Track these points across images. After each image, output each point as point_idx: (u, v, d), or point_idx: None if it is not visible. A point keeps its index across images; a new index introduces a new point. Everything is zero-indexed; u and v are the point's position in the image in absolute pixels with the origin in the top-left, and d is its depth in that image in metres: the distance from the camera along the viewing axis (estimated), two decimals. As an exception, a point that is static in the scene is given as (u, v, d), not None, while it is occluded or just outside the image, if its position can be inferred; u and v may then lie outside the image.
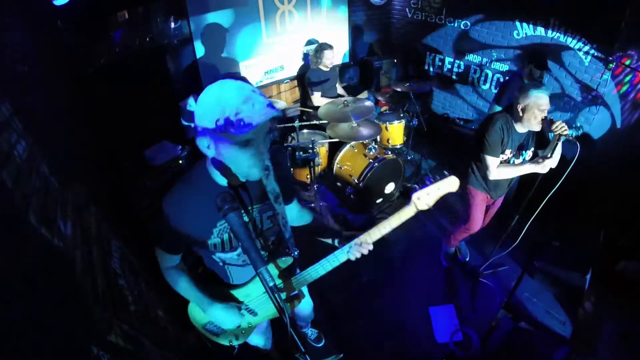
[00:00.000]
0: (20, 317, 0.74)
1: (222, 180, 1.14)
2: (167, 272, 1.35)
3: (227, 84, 1.00)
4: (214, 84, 1.01)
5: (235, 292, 1.41)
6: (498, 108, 3.04)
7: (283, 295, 1.39)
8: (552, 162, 2.18)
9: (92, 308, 1.10)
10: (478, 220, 2.56)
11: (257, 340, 1.74)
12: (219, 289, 1.40)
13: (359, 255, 1.29)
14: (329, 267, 1.33)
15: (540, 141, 2.33)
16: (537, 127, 2.12)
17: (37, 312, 0.80)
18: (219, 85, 1.00)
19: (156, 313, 1.80)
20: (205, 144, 1.04)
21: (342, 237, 1.38)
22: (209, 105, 0.97)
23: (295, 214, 1.48)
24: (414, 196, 1.27)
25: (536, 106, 2.03)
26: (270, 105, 0.98)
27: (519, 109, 2.09)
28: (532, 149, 2.31)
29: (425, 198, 1.28)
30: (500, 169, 2.25)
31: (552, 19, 3.47)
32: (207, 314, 1.36)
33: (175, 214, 1.15)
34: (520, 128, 2.18)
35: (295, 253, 1.38)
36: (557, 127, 2.05)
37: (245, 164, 1.04)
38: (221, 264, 1.33)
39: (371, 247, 1.29)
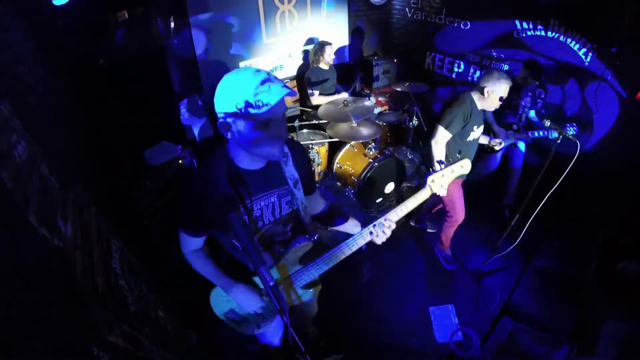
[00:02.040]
0: (20, 317, 0.74)
1: (243, 164, 1.19)
2: (189, 255, 1.38)
3: (243, 70, 1.05)
4: (231, 72, 1.06)
5: (256, 280, 1.42)
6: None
7: (302, 282, 1.41)
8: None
9: (92, 308, 1.10)
10: (460, 207, 2.61)
11: (271, 336, 1.74)
12: (240, 277, 1.40)
13: (382, 236, 1.30)
14: (349, 251, 1.33)
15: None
16: (492, 109, 2.34)
17: (37, 312, 0.80)
18: (236, 73, 1.05)
19: (156, 313, 1.80)
20: (226, 129, 1.09)
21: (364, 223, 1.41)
22: (229, 91, 1.03)
23: (318, 205, 1.54)
24: (429, 179, 1.32)
25: (500, 93, 2.24)
26: (285, 86, 1.03)
27: (486, 91, 2.26)
28: (482, 125, 2.47)
29: (439, 180, 1.32)
30: (440, 145, 2.37)
31: (552, 18, 3.47)
32: (229, 294, 1.37)
33: (199, 195, 1.18)
34: (479, 105, 2.35)
35: (315, 237, 1.39)
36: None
37: (266, 144, 1.08)
38: (242, 249, 1.34)
39: (392, 229, 1.31)
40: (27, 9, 1.97)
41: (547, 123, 2.15)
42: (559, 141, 2.22)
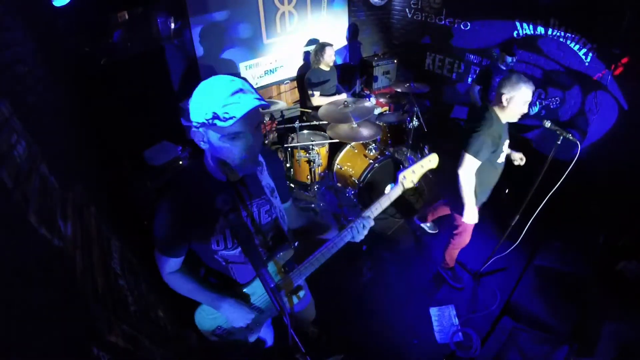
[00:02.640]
0: (20, 317, 0.74)
1: (220, 175, 1.15)
2: (169, 277, 1.33)
3: (218, 79, 1.02)
4: (206, 80, 1.03)
5: (240, 291, 1.40)
6: (477, 87, 3.50)
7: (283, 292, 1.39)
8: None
9: (92, 308, 1.10)
10: (470, 233, 2.52)
11: (264, 334, 1.73)
12: (224, 290, 1.38)
13: (358, 236, 1.32)
14: (334, 250, 1.33)
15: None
16: (515, 119, 2.12)
17: (37, 312, 0.80)
18: (210, 81, 1.02)
19: (156, 313, 1.80)
20: (199, 139, 1.06)
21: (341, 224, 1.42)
22: (200, 100, 1.00)
23: (291, 215, 1.49)
24: (400, 176, 1.38)
25: (521, 99, 2.02)
26: (258, 98, 1.00)
27: (504, 100, 2.04)
28: (508, 140, 2.28)
29: (410, 176, 1.40)
30: (469, 175, 2.13)
31: (552, 18, 3.47)
32: (219, 310, 1.34)
33: (176, 211, 1.15)
34: (503, 119, 2.13)
35: (295, 244, 1.39)
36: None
37: (237, 157, 1.05)
38: (224, 263, 1.32)
39: (372, 223, 1.34)
40: (27, 9, 1.97)
41: (547, 124, 2.14)
42: (559, 142, 2.22)
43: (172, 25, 3.37)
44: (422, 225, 3.29)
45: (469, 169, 2.11)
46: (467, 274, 2.88)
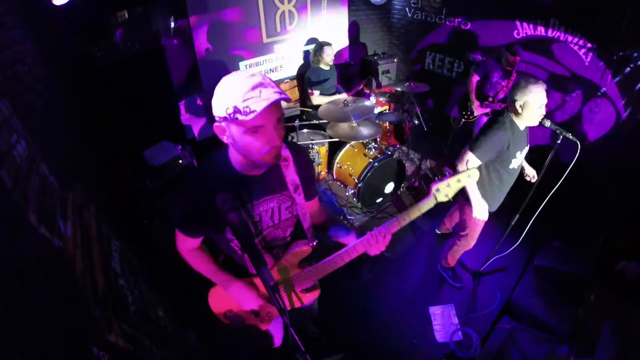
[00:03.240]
0: (20, 317, 0.74)
1: (242, 168, 1.17)
2: (187, 253, 1.37)
3: (238, 74, 1.04)
4: (227, 76, 1.05)
5: (254, 282, 1.41)
6: (476, 78, 3.54)
7: (301, 287, 1.40)
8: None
9: (92, 308, 1.10)
10: (476, 237, 2.50)
11: (275, 330, 1.73)
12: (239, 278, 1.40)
13: (376, 249, 1.28)
14: (348, 259, 1.32)
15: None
16: (535, 123, 2.08)
17: (37, 312, 0.80)
18: (231, 76, 1.04)
19: (156, 313, 1.80)
20: (222, 133, 1.08)
21: (358, 231, 1.40)
22: (222, 95, 1.02)
23: (315, 212, 1.49)
24: (434, 188, 1.27)
25: (535, 102, 2.00)
26: (280, 92, 1.01)
27: (518, 106, 2.04)
28: (527, 147, 2.26)
29: (444, 189, 1.28)
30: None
31: (552, 18, 3.47)
32: (228, 290, 1.36)
33: (196, 197, 1.16)
34: (521, 125, 2.13)
35: (314, 243, 1.37)
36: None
37: (258, 151, 1.06)
38: (240, 252, 1.33)
39: (389, 240, 1.29)
40: (27, 9, 1.96)
41: (547, 123, 2.14)
42: (559, 141, 2.22)
43: (172, 25, 3.37)
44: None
45: (468, 165, 2.12)
46: (467, 274, 2.88)
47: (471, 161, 2.11)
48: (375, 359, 2.37)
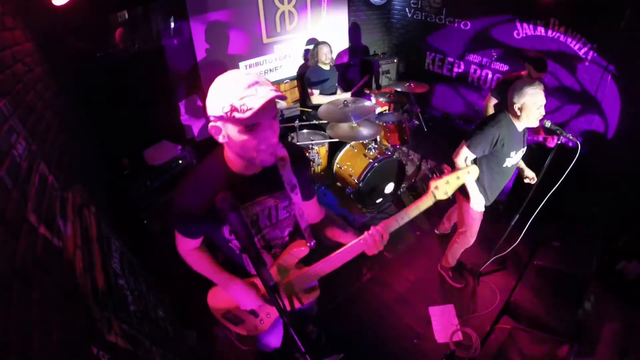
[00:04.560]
0: (20, 317, 0.74)
1: (238, 168, 1.17)
2: (186, 254, 1.38)
3: (233, 73, 1.05)
4: (222, 75, 1.06)
5: (253, 282, 1.41)
6: (494, 100, 3.11)
7: (300, 287, 1.40)
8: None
9: (92, 308, 1.10)
10: (475, 233, 2.51)
11: (269, 338, 1.73)
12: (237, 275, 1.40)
13: (374, 249, 1.26)
14: (347, 258, 1.31)
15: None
16: (535, 124, 2.11)
17: (37, 312, 0.80)
18: (226, 75, 1.05)
19: (156, 313, 1.80)
20: (217, 132, 1.07)
21: (356, 231, 1.39)
22: (217, 94, 1.02)
23: (314, 212, 1.48)
24: (432, 185, 1.25)
25: (532, 103, 2.02)
26: (275, 90, 1.01)
27: (516, 109, 2.07)
28: (524, 148, 2.28)
29: (443, 187, 1.25)
30: (461, 163, 2.20)
31: (552, 18, 3.47)
32: (228, 290, 1.37)
33: (192, 199, 1.17)
34: (520, 126, 2.17)
35: (312, 243, 1.37)
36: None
37: (254, 149, 1.06)
38: (238, 251, 1.33)
39: (386, 239, 1.27)
40: (27, 9, 1.96)
41: (548, 124, 2.14)
42: (559, 141, 2.23)
43: (172, 25, 3.37)
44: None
45: (462, 158, 2.19)
46: (467, 274, 2.88)
47: (464, 152, 2.17)
48: (375, 359, 2.37)
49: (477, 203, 2.27)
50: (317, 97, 3.88)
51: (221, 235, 1.26)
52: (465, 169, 1.27)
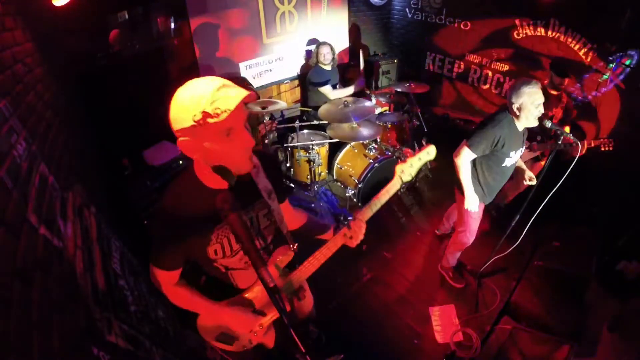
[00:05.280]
0: (20, 317, 0.74)
1: (213, 184, 1.13)
2: (169, 291, 1.31)
3: (195, 81, 1.00)
4: (182, 87, 1.01)
5: (240, 299, 1.39)
6: None
7: (289, 291, 1.39)
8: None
9: (92, 308, 1.10)
10: (474, 232, 2.51)
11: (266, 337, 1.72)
12: (225, 297, 1.37)
13: (355, 238, 1.29)
14: (329, 254, 1.33)
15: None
16: (534, 123, 2.10)
17: (37, 312, 0.80)
18: (188, 85, 1.00)
19: (156, 313, 1.80)
20: (188, 147, 1.02)
21: (337, 225, 1.41)
22: (183, 105, 0.97)
23: (291, 216, 1.48)
24: (398, 169, 1.35)
25: (530, 103, 2.02)
26: (243, 89, 0.98)
27: (515, 109, 2.08)
28: (523, 148, 2.29)
29: (408, 169, 1.36)
30: (463, 162, 2.20)
31: (552, 18, 3.47)
32: (221, 319, 1.33)
33: (169, 225, 1.12)
34: (520, 126, 2.16)
35: (294, 247, 1.37)
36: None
37: (234, 156, 1.03)
38: (224, 270, 1.31)
39: (364, 228, 1.31)
40: (27, 9, 1.97)
41: (548, 124, 2.14)
42: (559, 142, 2.23)
43: (172, 25, 3.37)
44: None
45: (463, 157, 2.19)
46: (467, 274, 2.88)
47: (465, 152, 2.17)
48: (375, 359, 2.37)
49: (472, 203, 2.29)
50: (330, 93, 3.85)
51: (205, 255, 1.21)
52: (425, 149, 1.38)
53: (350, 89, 3.90)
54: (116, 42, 3.03)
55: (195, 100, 0.95)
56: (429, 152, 1.40)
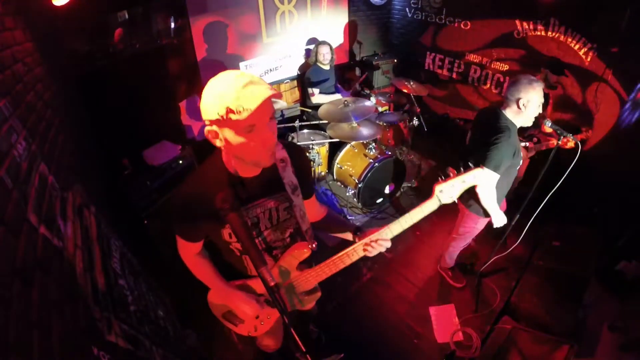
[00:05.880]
0: (20, 317, 0.74)
1: (237, 171, 1.16)
2: (188, 259, 1.38)
3: (225, 74, 1.02)
4: (214, 78, 1.03)
5: (253, 283, 1.41)
6: None
7: (301, 289, 1.41)
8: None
9: (92, 308, 1.10)
10: (469, 240, 2.54)
11: (268, 338, 1.73)
12: (238, 282, 1.41)
13: (376, 252, 1.29)
14: (348, 262, 1.33)
15: None
16: (530, 122, 2.03)
17: (37, 312, 0.80)
18: (219, 77, 1.02)
19: (156, 313, 1.80)
20: (214, 136, 1.06)
21: (359, 231, 1.40)
22: (211, 97, 1.00)
23: (314, 210, 1.49)
24: (437, 188, 1.21)
25: (536, 100, 1.94)
26: (271, 89, 0.99)
27: (521, 104, 1.94)
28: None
29: (449, 190, 1.21)
30: (490, 190, 2.02)
31: (552, 18, 3.47)
32: (227, 302, 1.39)
33: (190, 203, 1.17)
34: (517, 124, 2.04)
35: (314, 245, 1.35)
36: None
37: (253, 151, 1.05)
38: (238, 253, 1.33)
39: (389, 245, 1.29)
40: (27, 9, 1.96)
41: (548, 124, 2.14)
42: (559, 142, 2.23)
43: (172, 25, 3.37)
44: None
45: (488, 185, 2.00)
46: (468, 274, 2.88)
47: (491, 179, 1.97)
48: (375, 359, 2.37)
49: (499, 220, 2.15)
50: (317, 97, 3.88)
51: (221, 238, 1.25)
52: (471, 172, 1.21)
53: (338, 96, 3.90)
54: (117, 42, 3.03)
55: (221, 96, 0.97)
56: (476, 176, 1.21)
